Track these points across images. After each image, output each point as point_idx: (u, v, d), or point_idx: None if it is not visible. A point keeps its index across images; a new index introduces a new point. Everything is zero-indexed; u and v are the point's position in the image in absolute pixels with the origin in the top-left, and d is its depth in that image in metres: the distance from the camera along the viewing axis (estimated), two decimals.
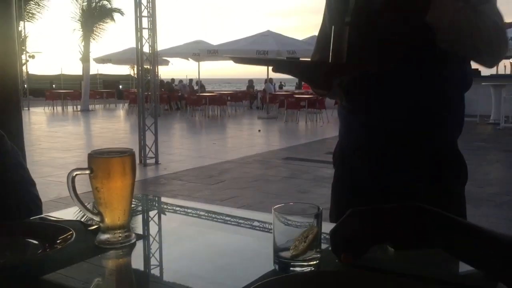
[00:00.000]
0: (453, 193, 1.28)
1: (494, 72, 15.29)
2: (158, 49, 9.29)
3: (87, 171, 0.93)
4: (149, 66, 8.66)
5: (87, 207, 0.96)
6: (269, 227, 1.08)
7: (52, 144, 10.51)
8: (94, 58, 22.03)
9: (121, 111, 20.75)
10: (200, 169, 7.60)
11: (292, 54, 15.32)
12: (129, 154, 0.97)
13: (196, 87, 22.84)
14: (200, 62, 20.45)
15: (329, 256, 0.82)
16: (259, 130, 13.25)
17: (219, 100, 17.49)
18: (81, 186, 0.95)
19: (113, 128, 14.47)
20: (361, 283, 0.72)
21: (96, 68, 29.43)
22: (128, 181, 0.96)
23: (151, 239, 1.08)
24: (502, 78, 14.50)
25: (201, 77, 22.13)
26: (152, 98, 8.64)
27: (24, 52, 23.82)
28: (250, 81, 23.88)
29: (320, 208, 0.82)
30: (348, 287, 0.71)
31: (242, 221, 1.23)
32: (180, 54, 19.83)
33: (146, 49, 8.38)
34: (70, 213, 1.18)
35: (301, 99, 15.02)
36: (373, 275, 0.77)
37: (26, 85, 22.79)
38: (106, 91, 25.30)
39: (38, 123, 15.68)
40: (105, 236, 0.96)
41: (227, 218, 1.25)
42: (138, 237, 1.01)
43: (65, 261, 0.88)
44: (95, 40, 22.91)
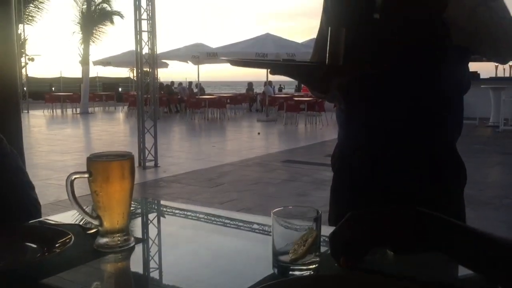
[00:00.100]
0: (453, 194, 1.28)
1: (493, 75, 15.31)
2: (158, 52, 9.29)
3: (86, 175, 0.93)
4: (149, 69, 8.67)
5: (86, 211, 0.96)
6: (269, 230, 1.08)
7: (52, 147, 10.50)
8: (94, 61, 22.05)
9: (121, 114, 20.75)
10: (200, 172, 7.60)
11: (292, 57, 15.34)
12: (128, 158, 0.96)
13: (196, 90, 22.85)
14: (200, 65, 20.47)
15: (329, 260, 0.82)
16: (259, 133, 13.25)
17: (219, 103, 17.49)
18: (80, 189, 0.95)
19: (113, 131, 14.47)
20: (361, 287, 0.72)
21: (96, 71, 29.54)
22: (127, 185, 0.96)
23: (150, 243, 1.07)
24: (501, 81, 14.50)
25: (201, 80, 22.15)
26: (152, 101, 8.64)
27: (24, 55, 23.83)
28: (250, 84, 23.89)
29: (319, 212, 0.82)
30: None
31: (242, 224, 1.23)
32: (180, 57, 19.85)
33: (146, 52, 8.39)
34: (69, 217, 1.18)
35: (301, 102, 15.03)
36: (373, 279, 0.76)
37: (26, 88, 22.80)
38: (106, 94, 25.30)
39: (38, 126, 15.67)
40: (104, 240, 0.96)
41: (227, 221, 1.25)
42: (137, 241, 1.01)
43: (64, 265, 0.87)
44: (95, 43, 22.96)
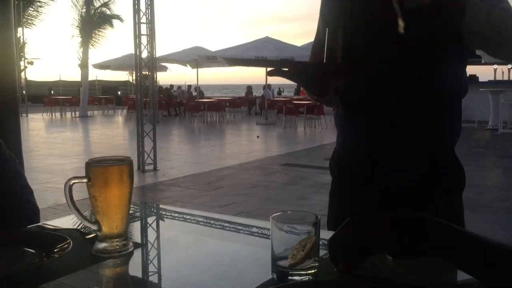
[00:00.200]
0: (452, 195, 1.28)
1: (492, 78, 15.34)
2: (157, 55, 9.31)
3: (85, 180, 0.93)
4: (148, 72, 8.68)
5: (85, 216, 0.96)
6: (267, 234, 1.08)
7: (50, 151, 10.49)
8: (93, 64, 22.05)
9: (120, 117, 20.75)
10: (199, 176, 7.59)
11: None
12: (127, 163, 0.96)
13: (195, 93, 22.86)
14: (199, 68, 20.48)
15: (328, 265, 0.82)
16: (258, 136, 13.25)
17: (218, 106, 17.50)
18: (80, 193, 0.95)
19: (112, 135, 14.46)
20: None
21: (95, 74, 29.47)
22: (126, 190, 0.96)
23: (149, 247, 1.07)
24: (500, 84, 14.54)
25: (200, 83, 22.14)
26: (151, 104, 8.64)
27: (23, 58, 23.85)
28: (249, 87, 23.91)
29: (318, 217, 0.82)
30: None
31: (241, 228, 1.23)
32: (179, 60, 19.86)
33: (145, 55, 8.40)
34: (68, 221, 1.18)
35: (300, 105, 15.03)
36: (372, 284, 0.76)
37: (25, 91, 22.81)
38: (105, 97, 25.29)
39: (37, 129, 15.67)
40: (103, 245, 0.96)
41: (226, 225, 1.25)
42: (136, 246, 1.01)
43: (63, 270, 0.87)
44: (94, 47, 22.99)
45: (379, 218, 0.81)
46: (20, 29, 21.85)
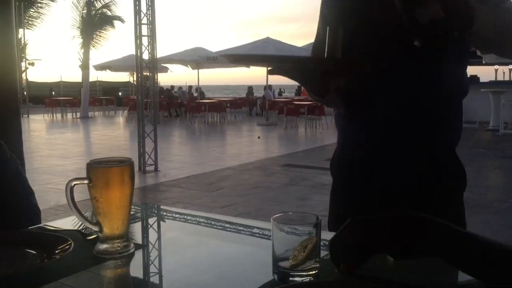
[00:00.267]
0: (453, 195, 1.28)
1: (493, 79, 15.33)
2: (158, 56, 9.31)
3: (86, 181, 0.93)
4: (149, 73, 8.68)
5: (86, 217, 0.96)
6: (268, 235, 1.08)
7: (52, 152, 10.50)
8: (94, 65, 22.06)
9: (121, 118, 20.76)
10: (200, 176, 7.60)
11: None
12: (128, 164, 0.96)
13: (196, 94, 22.87)
14: (200, 69, 20.49)
15: (329, 266, 0.82)
16: (259, 137, 13.25)
17: (219, 107, 17.51)
18: (80, 194, 0.95)
19: (113, 135, 14.47)
20: None
21: (96, 75, 29.49)
22: (127, 191, 0.96)
23: (150, 248, 1.07)
24: (501, 85, 14.54)
25: (201, 84, 22.16)
26: (152, 105, 8.65)
27: (24, 59, 23.87)
28: (250, 88, 23.91)
29: (319, 218, 0.82)
30: None
31: (242, 229, 1.23)
32: (180, 61, 19.87)
33: (146, 56, 8.41)
34: (69, 222, 1.18)
35: (301, 106, 15.03)
36: (373, 285, 0.76)
37: (26, 92, 22.83)
38: (106, 98, 25.31)
39: (38, 130, 15.68)
40: (104, 246, 0.96)
41: (227, 226, 1.25)
42: (137, 247, 1.01)
43: (64, 271, 0.87)
44: (95, 48, 23.01)
45: (380, 219, 0.81)
46: (21, 30, 21.86)
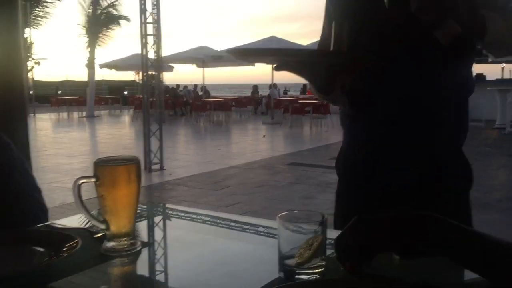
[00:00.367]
0: (454, 195, 1.28)
1: (499, 77, 15.25)
2: (163, 55, 9.33)
3: (93, 179, 0.94)
4: (154, 72, 8.70)
5: (93, 215, 0.97)
6: (274, 233, 1.08)
7: (58, 150, 10.55)
8: (100, 64, 22.11)
9: (126, 117, 20.82)
10: (205, 175, 7.61)
11: None
12: (135, 162, 0.97)
13: (201, 93, 22.89)
14: (205, 68, 20.51)
15: (335, 264, 0.82)
16: (264, 136, 13.26)
17: (224, 106, 17.52)
18: (86, 192, 0.95)
19: (118, 134, 14.52)
20: None
21: (102, 74, 29.59)
22: (134, 189, 0.96)
23: (156, 247, 1.08)
24: (508, 83, 14.46)
25: (206, 83, 22.18)
26: (157, 104, 8.67)
27: (30, 59, 23.97)
28: (255, 87, 23.90)
29: (325, 216, 0.82)
30: None
31: (247, 227, 1.23)
32: (185, 60, 19.91)
33: (151, 55, 8.43)
34: (76, 221, 1.19)
35: (306, 105, 15.02)
36: (378, 283, 0.76)
37: (32, 91, 22.93)
38: (111, 97, 25.40)
39: (44, 129, 15.76)
40: (111, 244, 0.96)
41: (232, 224, 1.26)
42: (144, 245, 1.02)
43: (71, 269, 0.88)
44: (101, 47, 23.05)
45: (387, 217, 0.80)
46: (27, 30, 21.95)
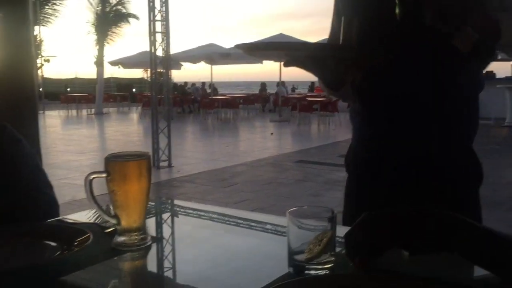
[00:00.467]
0: (468, 193, 1.28)
1: (509, 74, 15.10)
2: (171, 53, 9.35)
3: (104, 175, 0.95)
4: (162, 70, 8.73)
5: (104, 210, 0.98)
6: (282, 230, 1.09)
7: (67, 147, 10.62)
8: (109, 62, 22.20)
9: (135, 114, 20.90)
10: (213, 172, 7.63)
11: None
12: (146, 158, 0.98)
13: (209, 90, 22.93)
14: (213, 65, 20.53)
15: (344, 260, 0.83)
16: (272, 133, 13.26)
17: (232, 103, 17.53)
18: (94, 189, 0.96)
19: (127, 131, 14.59)
20: (376, 287, 0.72)
21: (110, 72, 29.71)
22: (144, 184, 0.97)
23: (167, 242, 1.09)
24: None
25: (214, 80, 22.22)
26: (165, 101, 8.70)
27: (40, 56, 24.13)
28: (263, 84, 23.89)
29: (335, 212, 0.83)
30: None
31: (255, 224, 1.24)
32: (193, 58, 19.93)
33: (160, 53, 8.45)
34: (86, 216, 1.20)
35: (314, 102, 14.99)
36: (388, 279, 0.77)
37: (42, 89, 23.09)
38: (120, 95, 25.48)
39: (53, 126, 15.86)
40: (122, 239, 0.97)
41: (240, 221, 1.26)
42: (154, 240, 1.02)
43: (82, 263, 0.89)
44: (109, 44, 23.15)
45: (395, 213, 0.81)
46: (37, 27, 22.10)
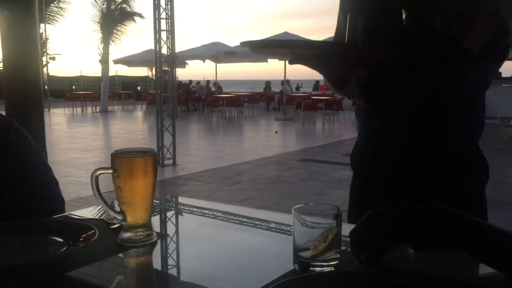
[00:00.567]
0: (474, 192, 1.28)
1: None
2: (176, 51, 9.36)
3: (110, 171, 0.95)
4: (167, 68, 8.74)
5: (110, 206, 0.98)
6: (286, 228, 1.09)
7: (72, 145, 10.66)
8: (113, 60, 22.24)
9: (139, 112, 20.95)
10: (217, 170, 7.64)
11: None
12: (151, 154, 0.98)
13: (214, 89, 22.93)
14: (218, 64, 20.53)
15: (349, 257, 0.83)
16: (276, 132, 13.25)
17: (236, 102, 17.53)
18: (100, 187, 0.96)
19: (132, 129, 14.62)
20: (381, 284, 0.72)
21: (115, 70, 29.78)
22: (150, 181, 0.98)
23: (172, 238, 1.09)
24: None
25: (219, 79, 22.20)
26: (170, 100, 8.71)
27: (45, 54, 24.20)
28: (267, 83, 23.88)
29: (340, 209, 0.83)
30: None
31: (259, 222, 1.24)
32: (198, 56, 19.94)
33: (164, 51, 8.46)
34: (92, 212, 1.21)
35: (318, 101, 14.97)
36: (393, 276, 0.77)
37: (47, 86, 23.16)
38: (125, 93, 25.53)
39: (58, 124, 15.92)
40: (127, 235, 0.98)
41: (244, 219, 1.26)
42: (159, 236, 1.03)
43: (88, 259, 0.90)
44: (114, 43, 23.18)
45: (401, 211, 0.81)
46: (42, 25, 22.15)
